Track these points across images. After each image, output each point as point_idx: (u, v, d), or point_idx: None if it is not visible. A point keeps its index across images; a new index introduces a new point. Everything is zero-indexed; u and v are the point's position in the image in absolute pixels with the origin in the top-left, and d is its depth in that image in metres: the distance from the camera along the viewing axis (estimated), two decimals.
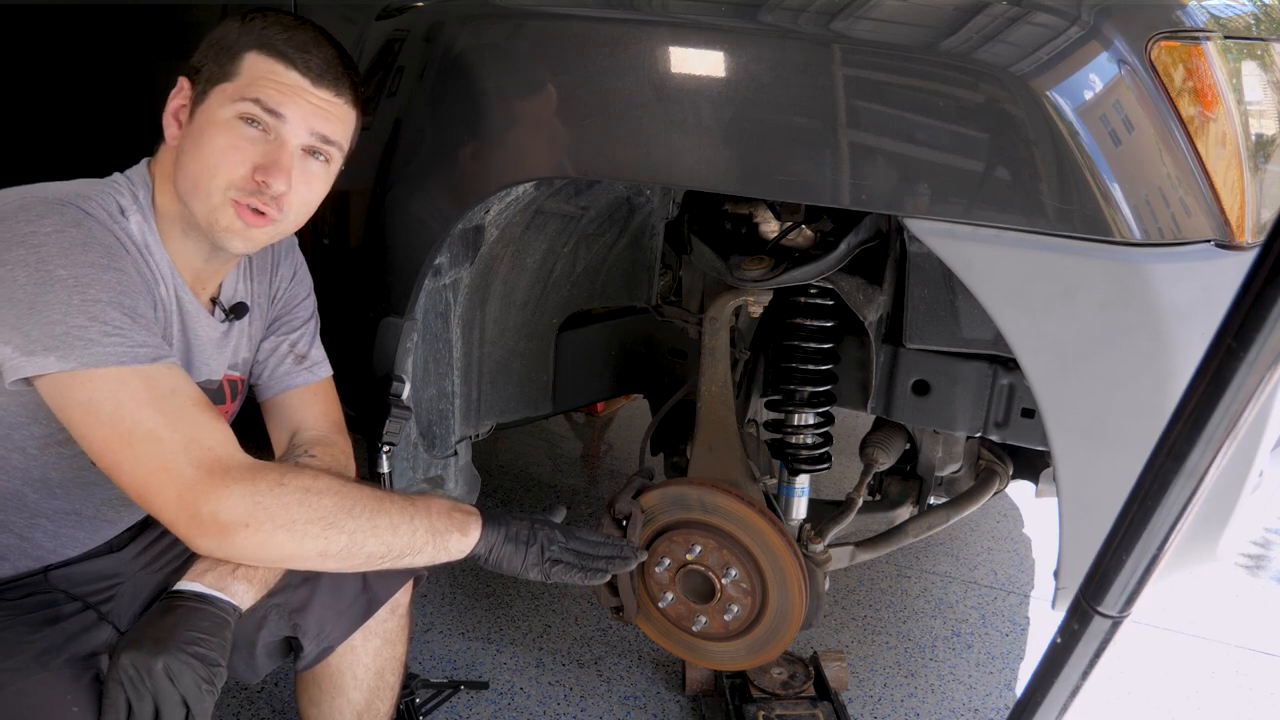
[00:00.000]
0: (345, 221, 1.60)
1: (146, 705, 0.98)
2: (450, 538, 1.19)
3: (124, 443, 1.02)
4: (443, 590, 2.31)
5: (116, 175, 1.18)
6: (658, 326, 1.97)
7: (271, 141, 1.13)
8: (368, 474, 1.60)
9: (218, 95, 1.13)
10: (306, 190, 1.18)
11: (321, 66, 1.15)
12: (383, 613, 1.35)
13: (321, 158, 1.19)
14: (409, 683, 1.81)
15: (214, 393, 1.29)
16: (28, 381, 1.02)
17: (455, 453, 1.74)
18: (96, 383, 1.01)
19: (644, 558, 1.46)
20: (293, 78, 1.13)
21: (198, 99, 1.14)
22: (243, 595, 1.09)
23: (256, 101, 1.11)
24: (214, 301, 1.27)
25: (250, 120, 1.12)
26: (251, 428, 1.39)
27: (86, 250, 1.03)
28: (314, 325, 1.41)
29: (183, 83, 1.16)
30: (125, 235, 1.10)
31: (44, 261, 1.00)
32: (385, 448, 1.55)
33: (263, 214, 1.15)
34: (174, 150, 1.16)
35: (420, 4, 1.52)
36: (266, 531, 1.04)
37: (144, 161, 1.20)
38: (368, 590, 1.32)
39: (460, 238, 1.53)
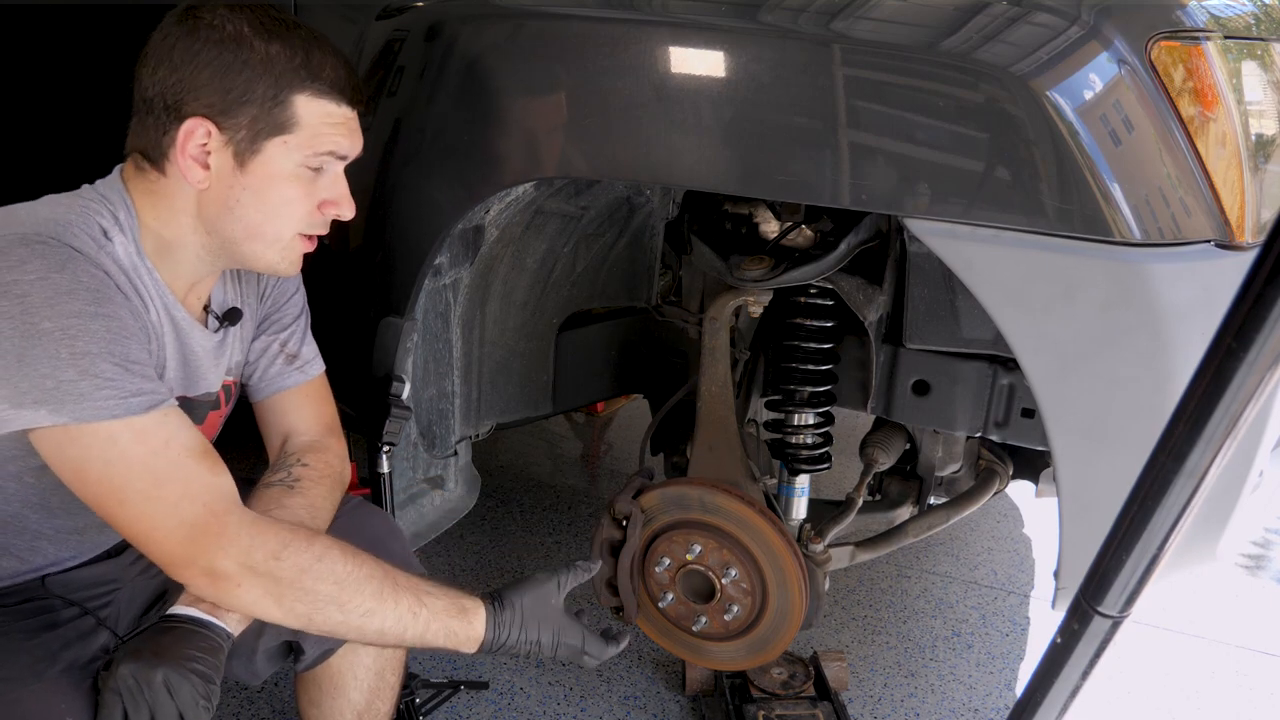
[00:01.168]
0: (345, 221, 1.60)
1: (143, 717, 0.98)
2: (448, 643, 1.18)
3: (115, 502, 1.02)
4: None
5: (88, 190, 1.12)
6: (658, 326, 1.97)
7: (326, 174, 1.16)
8: (368, 474, 1.60)
9: (279, 148, 1.11)
10: None
11: (356, 90, 1.17)
12: None
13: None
14: (409, 683, 1.81)
15: (211, 401, 1.28)
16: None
17: (455, 453, 1.74)
18: (87, 439, 0.99)
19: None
20: (344, 113, 1.15)
21: (246, 148, 1.10)
22: (236, 623, 1.09)
23: (331, 153, 1.14)
24: (206, 310, 1.25)
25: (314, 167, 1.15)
26: (246, 428, 1.39)
27: (72, 298, 0.99)
28: (304, 322, 1.39)
29: (204, 125, 1.08)
30: (112, 262, 1.07)
31: (28, 313, 0.97)
32: (385, 448, 1.55)
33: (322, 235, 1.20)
34: (195, 191, 1.12)
35: (420, 4, 1.52)
36: (254, 596, 1.05)
37: (116, 172, 1.15)
38: None
39: (460, 238, 1.53)
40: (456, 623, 1.17)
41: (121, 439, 1.00)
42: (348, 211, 1.19)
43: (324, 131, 1.13)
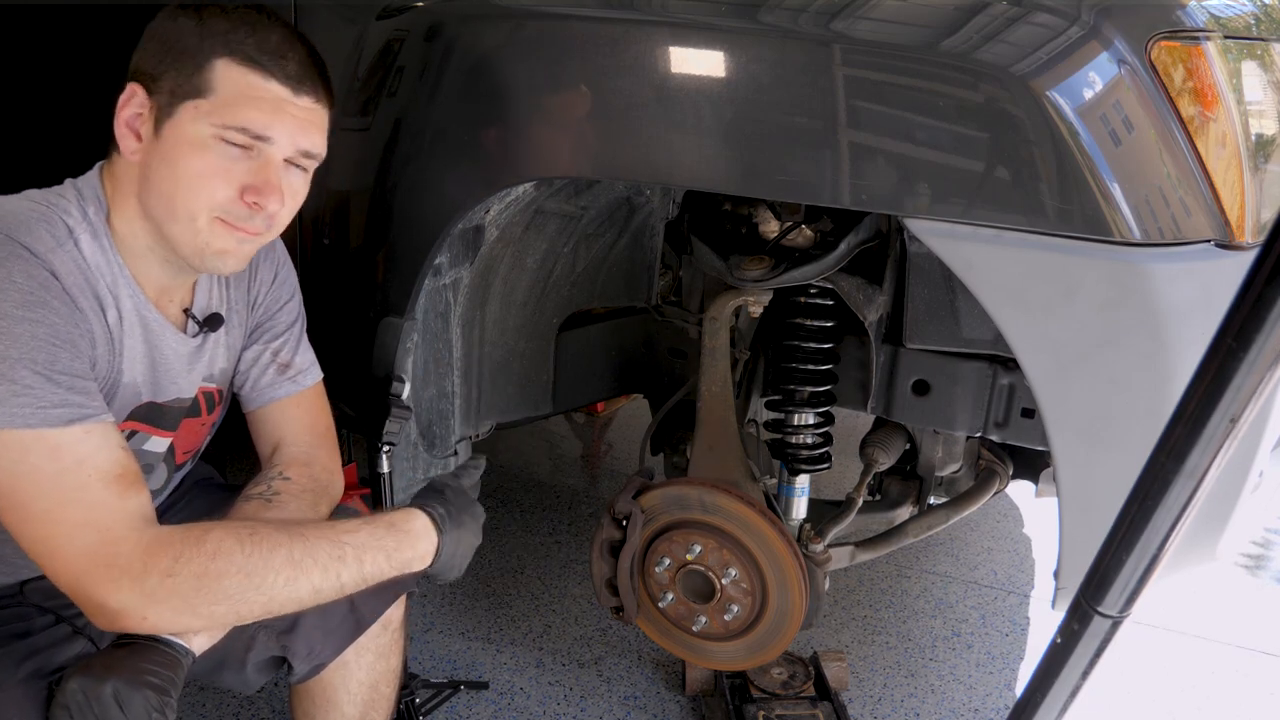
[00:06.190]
0: (345, 221, 1.60)
1: None
2: (394, 565, 1.13)
3: (18, 519, 0.97)
4: (443, 590, 2.31)
5: (67, 187, 1.10)
6: (658, 326, 1.97)
7: (255, 159, 1.07)
8: (368, 474, 1.60)
9: (190, 111, 1.04)
10: (293, 203, 1.13)
11: (299, 72, 1.07)
12: (375, 628, 1.31)
13: (302, 169, 1.14)
14: (409, 683, 1.81)
15: (189, 408, 1.24)
16: None
17: (455, 453, 1.74)
18: None
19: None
20: (273, 89, 1.05)
21: (164, 113, 1.05)
22: (198, 642, 1.04)
23: (243, 130, 1.04)
24: (187, 313, 1.20)
25: (232, 141, 1.06)
26: (239, 435, 1.38)
27: (2, 298, 0.96)
28: (298, 331, 1.35)
29: (136, 90, 1.06)
30: (71, 262, 1.03)
31: None
32: (385, 448, 1.55)
33: (255, 232, 1.11)
34: (135, 165, 1.08)
35: (420, 4, 1.52)
36: (167, 618, 0.99)
37: (97, 168, 1.12)
38: (355, 611, 1.28)
39: (460, 238, 1.53)
40: (390, 540, 1.11)
41: (33, 451, 0.96)
42: (270, 202, 1.07)
43: (239, 103, 1.04)
